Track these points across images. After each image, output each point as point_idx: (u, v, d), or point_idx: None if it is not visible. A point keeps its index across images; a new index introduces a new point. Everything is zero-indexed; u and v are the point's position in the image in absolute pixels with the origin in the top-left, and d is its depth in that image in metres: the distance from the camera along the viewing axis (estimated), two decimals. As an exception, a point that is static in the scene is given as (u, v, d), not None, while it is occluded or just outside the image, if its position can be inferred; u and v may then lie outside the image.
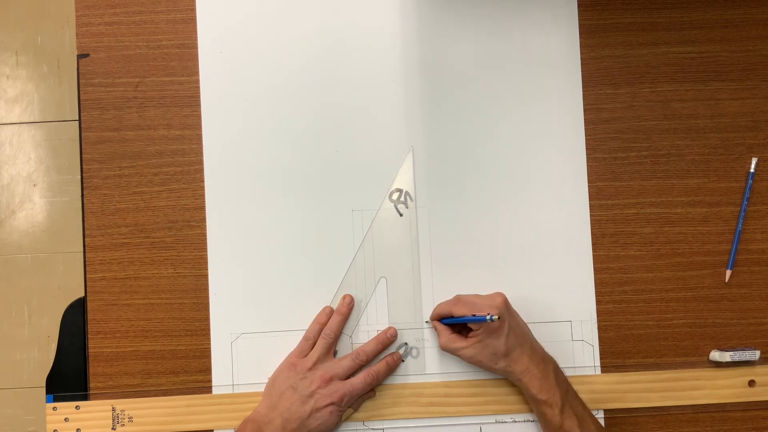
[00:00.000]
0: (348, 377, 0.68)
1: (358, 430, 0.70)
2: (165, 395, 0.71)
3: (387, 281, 0.71)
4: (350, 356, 0.68)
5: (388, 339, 0.70)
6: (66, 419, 0.71)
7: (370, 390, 0.69)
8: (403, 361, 0.71)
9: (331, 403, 0.65)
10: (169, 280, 0.72)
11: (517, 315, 0.68)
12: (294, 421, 0.65)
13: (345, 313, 0.70)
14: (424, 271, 0.72)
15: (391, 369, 0.70)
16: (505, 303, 0.65)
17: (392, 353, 0.70)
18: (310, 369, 0.67)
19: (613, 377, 0.71)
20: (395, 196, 0.72)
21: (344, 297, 0.71)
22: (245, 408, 0.69)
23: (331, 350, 0.69)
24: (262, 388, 0.69)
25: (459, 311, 0.66)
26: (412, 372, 0.71)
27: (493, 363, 0.65)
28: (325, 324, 0.69)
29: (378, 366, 0.69)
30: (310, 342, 0.69)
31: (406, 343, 0.71)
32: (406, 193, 0.72)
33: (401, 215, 0.72)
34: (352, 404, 0.68)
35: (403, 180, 0.72)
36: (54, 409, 0.71)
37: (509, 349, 0.65)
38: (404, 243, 0.72)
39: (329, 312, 0.70)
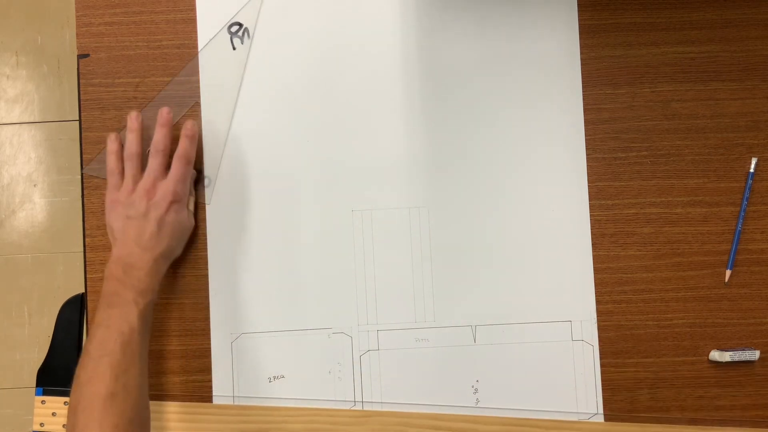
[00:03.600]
0: (165, 173, 0.67)
1: None
2: (165, 395, 0.71)
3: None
4: (151, 157, 0.67)
5: (164, 118, 0.68)
6: (53, 414, 0.70)
7: (193, 170, 0.69)
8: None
9: (170, 203, 0.65)
10: (169, 280, 0.72)
11: None
12: (149, 241, 0.64)
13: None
14: (425, 271, 0.72)
15: (194, 139, 0.68)
16: None
17: (184, 125, 0.68)
18: (131, 192, 0.66)
19: (618, 427, 0.70)
20: (234, 29, 0.71)
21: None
22: (245, 409, 0.69)
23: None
24: (262, 389, 0.69)
25: None
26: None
27: None
28: (122, 149, 0.68)
29: (182, 144, 0.67)
30: (116, 174, 0.67)
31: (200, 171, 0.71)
32: (246, 29, 0.71)
33: (234, 49, 0.71)
34: (189, 192, 0.68)
35: (247, 16, 0.71)
36: (42, 402, 0.70)
37: None
38: (232, 78, 0.71)
39: (135, 127, 0.67)
